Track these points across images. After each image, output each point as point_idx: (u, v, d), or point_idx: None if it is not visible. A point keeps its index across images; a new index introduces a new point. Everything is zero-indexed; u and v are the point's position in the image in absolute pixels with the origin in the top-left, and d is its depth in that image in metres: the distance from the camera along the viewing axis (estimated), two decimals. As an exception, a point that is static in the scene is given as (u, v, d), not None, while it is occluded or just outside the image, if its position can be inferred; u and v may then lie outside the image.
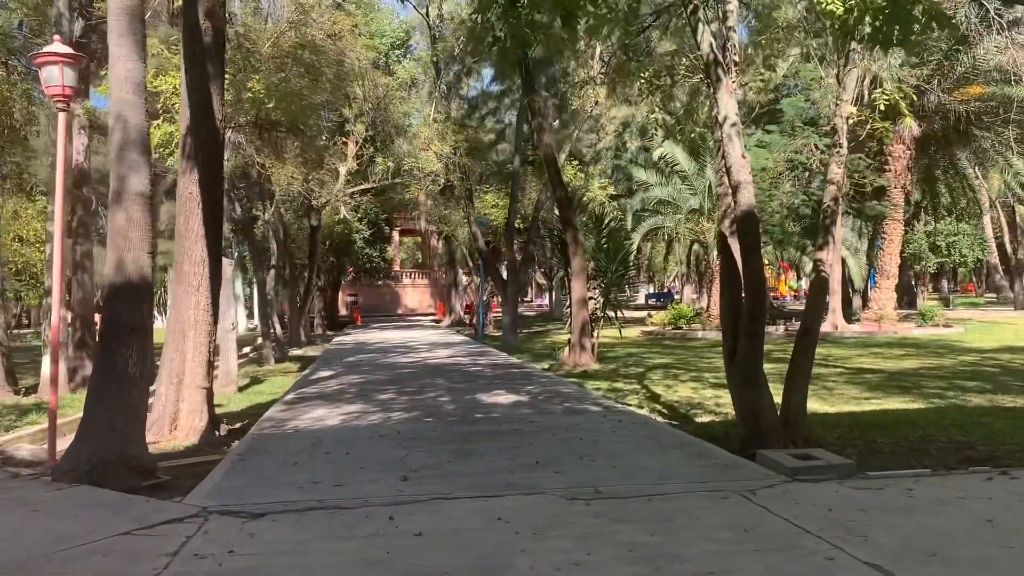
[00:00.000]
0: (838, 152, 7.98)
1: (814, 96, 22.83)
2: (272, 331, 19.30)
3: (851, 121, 8.06)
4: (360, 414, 9.28)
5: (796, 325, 26.33)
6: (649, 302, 54.62)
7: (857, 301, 31.96)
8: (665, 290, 65.72)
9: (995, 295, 48.86)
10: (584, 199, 24.60)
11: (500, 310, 26.63)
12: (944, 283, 57.64)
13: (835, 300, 24.44)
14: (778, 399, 7.58)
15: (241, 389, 13.24)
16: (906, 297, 36.22)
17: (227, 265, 11.51)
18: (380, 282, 47.47)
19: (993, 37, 21.13)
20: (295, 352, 21.56)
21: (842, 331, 23.26)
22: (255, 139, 13.40)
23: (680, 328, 24.82)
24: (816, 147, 22.97)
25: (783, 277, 61.02)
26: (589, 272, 15.98)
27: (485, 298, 29.15)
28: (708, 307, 29.34)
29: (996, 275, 45.37)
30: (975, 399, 10.03)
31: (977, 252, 31.97)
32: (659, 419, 9.09)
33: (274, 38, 13.90)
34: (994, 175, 28.32)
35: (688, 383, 12.58)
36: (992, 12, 17.92)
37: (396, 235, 50.47)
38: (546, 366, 15.61)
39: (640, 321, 29.88)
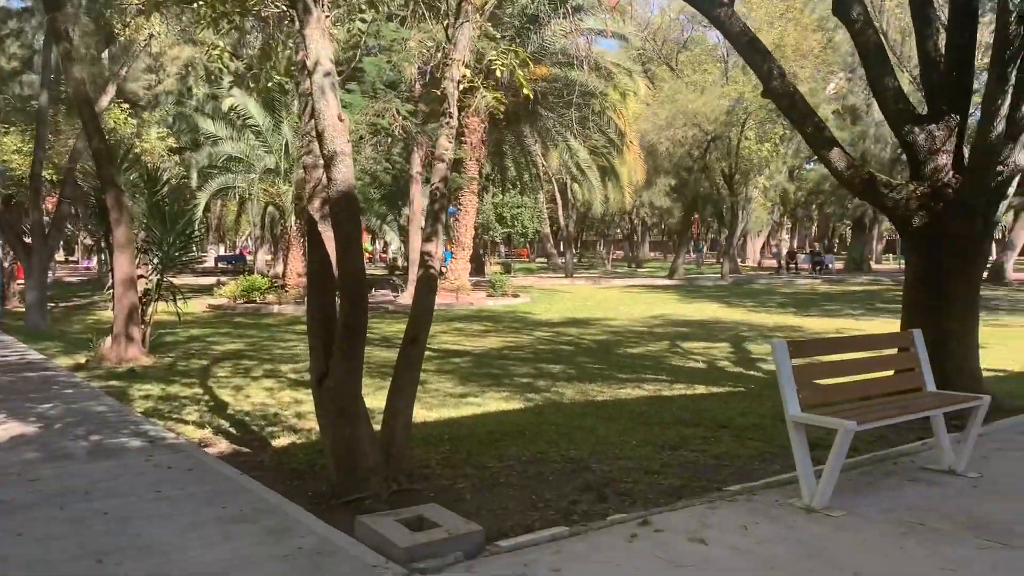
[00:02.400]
0: (447, 123, 6.65)
1: (395, 58, 21.99)
2: None
3: (461, 87, 6.78)
4: None
5: (378, 295, 25.74)
6: (220, 265, 50.55)
7: (432, 268, 32.56)
8: (238, 252, 61.77)
9: (545, 260, 54.41)
10: (138, 151, 20.78)
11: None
12: (502, 249, 62.83)
13: (414, 271, 24.20)
14: (372, 403, 6.11)
15: None
16: (474, 263, 38.07)
17: None
18: None
19: (559, 21, 22.26)
20: None
21: (422, 302, 23.01)
22: None
23: (254, 302, 22.48)
24: (397, 112, 22.20)
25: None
26: (139, 244, 13.00)
27: (8, 265, 23.52)
28: (285, 275, 27.37)
29: (547, 244, 50.33)
30: (567, 390, 9.69)
31: (536, 224, 34.54)
32: (224, 448, 7.06)
33: None
34: (554, 153, 30.53)
35: (263, 380, 10.64)
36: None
37: None
38: (82, 360, 12.38)
39: (209, 291, 26.76)
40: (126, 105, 22.41)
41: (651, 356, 12.87)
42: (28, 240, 19.27)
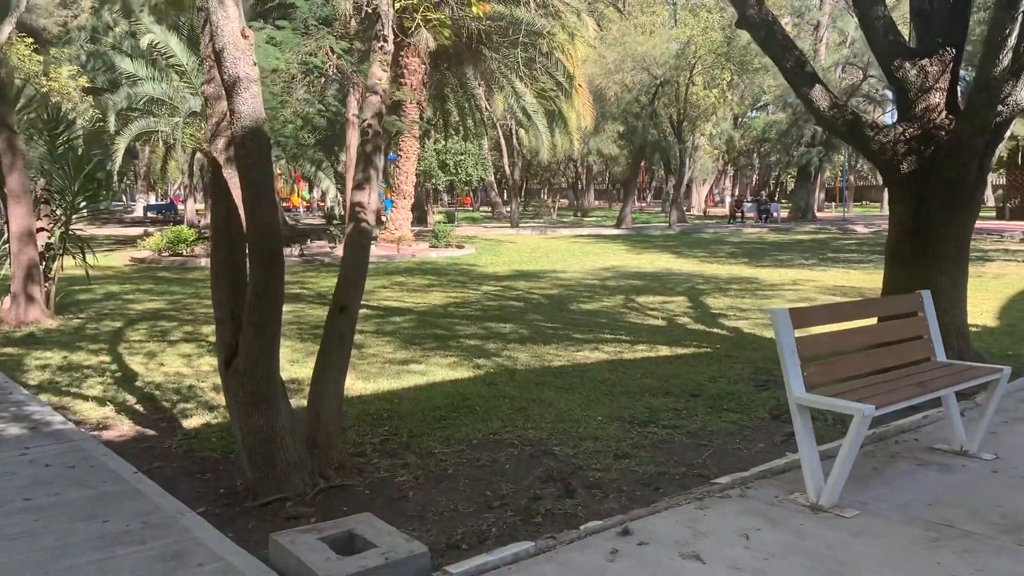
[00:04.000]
0: (382, 48, 5.60)
1: (330, -7, 20.47)
2: None
3: (398, 5, 5.73)
4: None
5: (314, 246, 24.40)
6: (149, 215, 48.14)
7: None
8: (169, 201, 59.01)
9: (490, 210, 53.21)
10: (45, 89, 18.98)
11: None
12: (445, 197, 61.47)
13: (353, 220, 22.96)
14: (303, 372, 5.17)
15: None
16: (416, 213, 36.83)
17: None
18: None
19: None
20: None
21: (361, 254, 21.87)
22: None
23: (180, 254, 21.01)
24: (331, 50, 20.80)
25: (296, 188, 59.07)
26: (38, 193, 11.62)
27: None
28: (215, 226, 25.83)
29: (492, 192, 49.10)
30: (520, 354, 8.83)
31: (480, 171, 33.35)
32: (126, 431, 6.04)
33: None
34: (499, 97, 29.25)
35: (181, 344, 9.55)
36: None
37: None
38: (-22, 323, 11.10)
39: (134, 242, 25.08)
40: (30, 40, 20.42)
41: (607, 312, 12.08)
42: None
